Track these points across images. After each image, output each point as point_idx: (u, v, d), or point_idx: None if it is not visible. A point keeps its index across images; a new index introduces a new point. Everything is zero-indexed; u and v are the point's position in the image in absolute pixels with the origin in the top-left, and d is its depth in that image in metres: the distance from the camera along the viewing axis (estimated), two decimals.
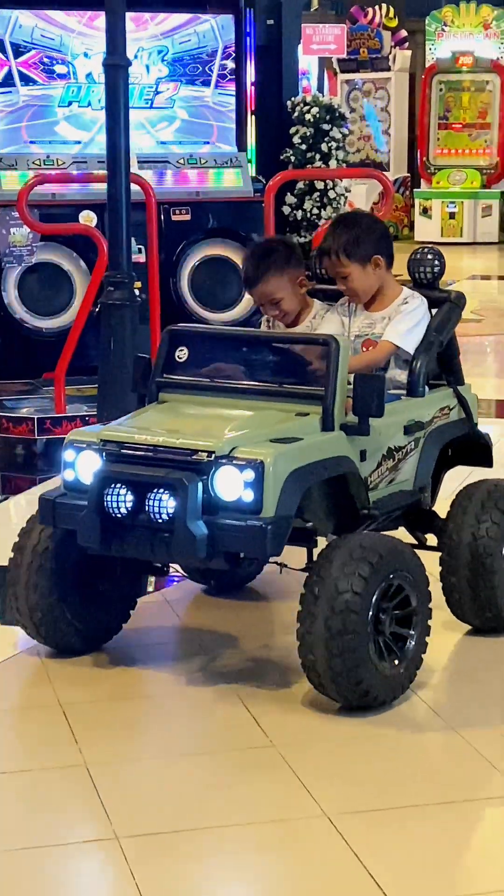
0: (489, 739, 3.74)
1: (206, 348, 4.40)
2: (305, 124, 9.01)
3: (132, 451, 3.96)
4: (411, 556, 3.99)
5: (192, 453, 3.86)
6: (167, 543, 3.82)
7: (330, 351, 4.06)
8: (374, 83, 20.36)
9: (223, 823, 3.31)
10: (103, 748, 3.71)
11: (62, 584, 4.19)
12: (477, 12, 19.48)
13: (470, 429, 4.60)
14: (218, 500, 3.81)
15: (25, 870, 3.10)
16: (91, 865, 3.16)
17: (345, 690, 3.84)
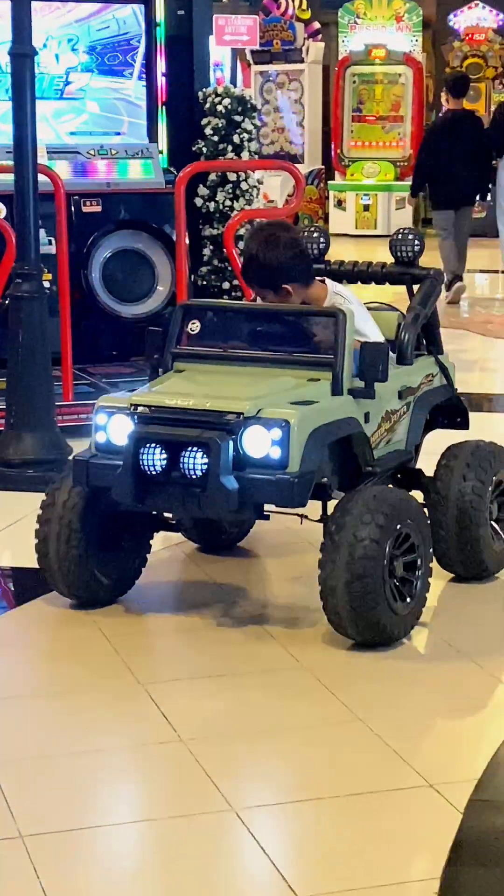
0: (398, 735, 3.75)
1: (218, 321, 4.80)
2: (217, 116, 8.96)
3: (164, 414, 4.30)
4: (416, 507, 4.44)
5: (222, 415, 4.22)
6: (199, 498, 4.18)
7: (338, 322, 4.46)
8: (288, 75, 20.35)
9: (127, 819, 3.29)
10: None
11: (90, 540, 4.54)
12: (389, 5, 19.53)
13: (451, 394, 5.05)
14: (246, 457, 4.19)
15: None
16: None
17: (363, 629, 4.24)
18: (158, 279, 8.64)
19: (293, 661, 4.23)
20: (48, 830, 3.22)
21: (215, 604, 4.76)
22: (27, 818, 3.27)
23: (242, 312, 4.89)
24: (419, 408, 4.85)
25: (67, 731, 3.79)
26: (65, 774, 3.53)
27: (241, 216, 8.11)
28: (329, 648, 4.37)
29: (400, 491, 4.51)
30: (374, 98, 19.69)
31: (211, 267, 8.99)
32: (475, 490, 4.79)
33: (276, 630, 4.49)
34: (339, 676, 4.13)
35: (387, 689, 4.05)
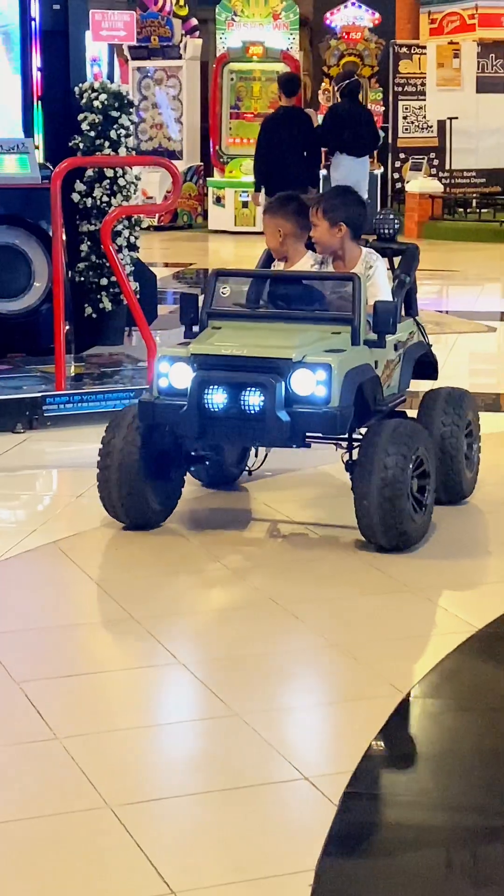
0: (274, 728, 3.77)
1: (249, 286, 5.64)
2: (94, 111, 8.90)
3: (222, 360, 5.09)
4: (427, 436, 5.33)
5: (273, 361, 5.03)
6: (255, 430, 5.04)
7: (356, 284, 5.28)
8: (166, 71, 20.33)
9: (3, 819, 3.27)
10: None
11: (146, 473, 5.29)
12: (266, 3, 19.59)
13: (426, 349, 5.93)
14: (294, 395, 5.01)
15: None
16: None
17: (392, 537, 5.10)
18: (35, 275, 8.58)
19: (170, 658, 4.23)
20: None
21: None
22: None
23: (269, 278, 5.67)
24: (407, 359, 5.70)
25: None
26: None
27: (118, 212, 8.08)
28: (207, 647, 4.38)
29: (414, 423, 5.35)
30: (251, 95, 19.74)
31: (88, 263, 8.93)
32: (453, 428, 5.68)
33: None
34: (216, 672, 4.13)
35: (261, 682, 4.07)
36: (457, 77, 19.99)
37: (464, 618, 4.58)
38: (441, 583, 4.93)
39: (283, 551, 5.35)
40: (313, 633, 4.45)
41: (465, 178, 20.52)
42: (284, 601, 4.70)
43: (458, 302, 13.23)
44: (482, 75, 20.22)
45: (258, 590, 4.85)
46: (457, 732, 3.86)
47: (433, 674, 4.12)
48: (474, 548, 5.43)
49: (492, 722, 3.88)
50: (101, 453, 5.36)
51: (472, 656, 4.30)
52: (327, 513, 5.77)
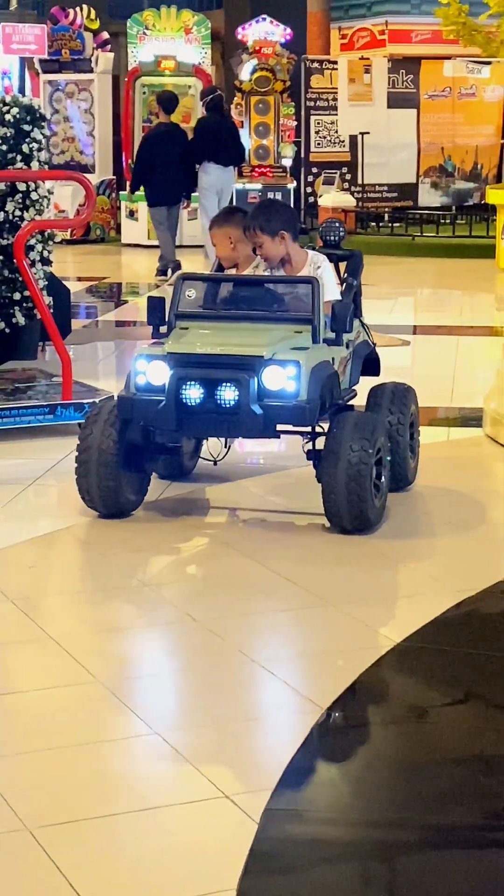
0: (193, 746, 3.75)
1: (212, 289, 5.97)
2: (5, 125, 8.85)
3: (197, 359, 5.45)
4: (384, 426, 5.77)
5: (245, 358, 5.41)
6: (231, 423, 5.42)
7: (314, 287, 5.69)
8: (78, 85, 20.26)
9: None
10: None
11: (122, 470, 5.63)
12: (178, 17, 19.62)
13: (371, 348, 6.33)
14: (266, 390, 5.40)
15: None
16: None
17: (355, 518, 5.49)
18: None
19: (87, 676, 4.20)
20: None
21: None
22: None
23: (232, 281, 6.00)
24: (356, 357, 6.13)
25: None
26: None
27: (30, 227, 8.03)
28: (124, 665, 4.35)
29: (375, 416, 5.82)
30: None
31: (1, 277, 8.86)
32: (399, 420, 6.10)
33: None
34: (133, 689, 4.10)
35: (180, 699, 4.05)
36: (368, 92, 20.14)
37: (383, 633, 4.59)
38: (362, 596, 4.95)
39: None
40: (232, 649, 4.43)
41: (378, 192, 20.68)
42: (202, 618, 4.68)
43: (372, 316, 13.24)
44: (393, 91, 20.40)
45: (175, 606, 4.83)
46: (375, 747, 3.86)
47: (352, 689, 4.11)
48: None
49: (409, 736, 3.89)
50: (80, 447, 5.69)
51: (390, 670, 4.31)
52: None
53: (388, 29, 21.67)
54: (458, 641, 4.60)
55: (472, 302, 14.53)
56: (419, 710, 4.10)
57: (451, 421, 8.15)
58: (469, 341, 11.25)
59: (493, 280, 15.75)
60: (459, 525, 5.88)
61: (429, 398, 8.56)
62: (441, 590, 5.00)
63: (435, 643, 4.52)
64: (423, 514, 6.10)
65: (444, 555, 5.52)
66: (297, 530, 5.76)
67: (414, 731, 3.94)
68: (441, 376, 9.46)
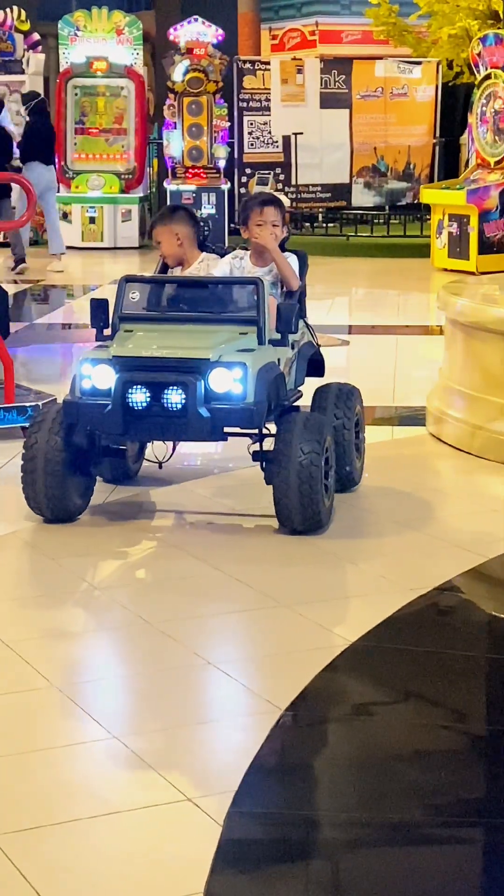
0: (154, 750, 3.73)
1: (155, 290, 5.90)
2: None
3: (143, 362, 5.43)
4: (330, 426, 5.79)
5: (191, 361, 5.39)
6: (178, 426, 5.39)
7: (259, 288, 5.65)
8: (9, 86, 20.13)
9: None
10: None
11: (68, 475, 5.61)
12: (109, 18, 19.56)
13: (315, 349, 6.32)
14: (212, 393, 5.38)
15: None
16: None
17: (307, 519, 5.51)
18: None
19: (41, 681, 4.16)
20: None
21: None
22: None
23: (176, 282, 5.96)
24: (301, 357, 6.11)
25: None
26: None
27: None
28: (79, 669, 4.33)
29: (321, 416, 5.85)
30: (96, 110, 19.68)
31: None
32: (345, 422, 6.12)
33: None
34: (89, 694, 4.08)
35: (138, 704, 4.03)
36: (300, 93, 20.17)
37: (337, 632, 4.59)
38: (315, 596, 4.95)
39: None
40: (188, 651, 4.41)
41: (311, 192, 20.72)
42: (155, 621, 4.66)
43: (310, 316, 13.31)
44: (325, 91, 20.45)
45: (126, 609, 4.80)
46: (335, 747, 3.87)
47: (309, 689, 4.11)
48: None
49: (367, 735, 3.90)
50: (25, 455, 5.64)
51: (346, 670, 4.31)
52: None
53: (318, 29, 21.73)
54: (412, 640, 4.61)
55: (409, 301, 14.61)
56: (375, 709, 4.11)
57: (394, 420, 8.18)
58: (407, 340, 11.31)
59: (428, 279, 15.83)
60: (406, 524, 5.89)
61: (371, 397, 8.60)
62: (392, 589, 5.02)
63: (389, 642, 4.53)
64: (370, 514, 6.09)
65: (392, 554, 5.53)
66: (246, 532, 5.75)
67: (371, 730, 3.94)
68: (382, 375, 9.50)
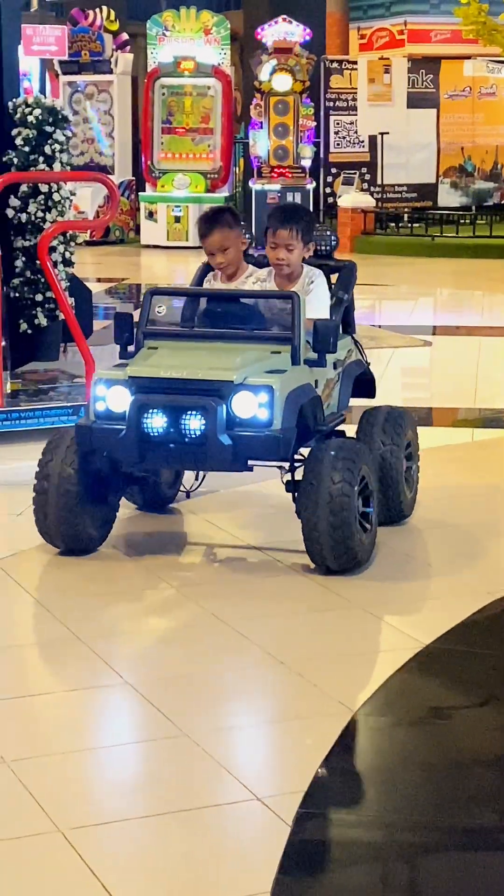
0: (225, 748, 3.74)
1: (183, 304, 5.46)
2: (28, 126, 8.86)
3: (161, 383, 4.96)
4: (368, 454, 5.24)
5: (214, 383, 4.91)
6: (196, 454, 4.93)
7: (295, 303, 5.15)
8: (97, 86, 20.30)
9: None
10: None
11: (84, 499, 5.16)
12: (197, 18, 19.63)
13: (365, 367, 5.83)
14: (236, 418, 4.91)
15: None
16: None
17: (340, 558, 5.00)
18: None
19: (116, 678, 4.19)
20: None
21: None
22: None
23: (207, 296, 5.48)
24: (346, 378, 5.63)
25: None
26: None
27: (54, 228, 8.04)
28: (154, 667, 4.35)
29: (356, 443, 5.31)
30: (183, 110, 19.75)
31: (24, 279, 8.87)
32: (393, 449, 5.62)
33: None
34: (164, 692, 4.10)
35: (210, 702, 4.04)
36: (387, 92, 20.12)
37: (411, 634, 4.57)
38: (387, 600, 4.92)
39: (223, 573, 5.24)
40: (261, 651, 4.42)
41: (397, 192, 20.67)
42: (230, 620, 4.67)
43: (392, 316, 13.29)
44: (412, 91, 20.38)
45: (203, 609, 4.82)
46: (406, 749, 3.85)
47: (381, 691, 4.10)
48: (418, 567, 5.33)
49: (439, 738, 3.88)
50: (38, 477, 5.23)
51: (419, 673, 4.29)
52: (266, 533, 5.65)
53: (406, 29, 21.62)
54: (487, 643, 4.58)
55: (494, 302, 14.50)
56: (449, 711, 4.09)
57: (476, 422, 8.12)
58: (491, 342, 11.22)
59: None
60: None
61: (452, 399, 8.57)
62: (466, 591, 4.97)
63: (463, 645, 4.51)
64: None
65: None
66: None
67: (444, 733, 3.92)
68: (464, 376, 9.44)
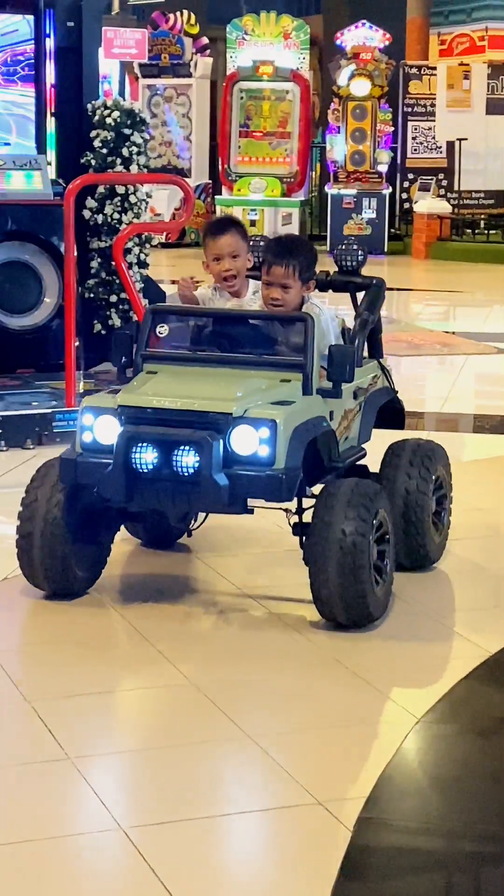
0: (287, 752, 3.75)
1: (186, 325, 4.95)
2: (106, 128, 8.91)
3: (153, 414, 4.49)
4: (385, 497, 4.71)
5: (210, 415, 4.43)
6: (189, 493, 4.42)
7: (307, 326, 4.67)
8: (176, 89, 20.37)
9: (16, 839, 3.25)
10: None
11: (71, 542, 4.70)
12: (277, 22, 19.64)
13: (392, 395, 5.32)
14: (234, 455, 4.41)
15: None
16: None
17: (353, 612, 4.51)
18: (45, 291, 8.59)
19: (182, 678, 4.21)
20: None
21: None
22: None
23: (212, 316, 4.98)
24: (369, 407, 5.13)
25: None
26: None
27: (130, 229, 8.08)
28: (222, 668, 4.36)
29: (372, 483, 4.74)
30: (261, 114, 19.77)
31: (98, 279, 8.92)
32: (419, 485, 5.08)
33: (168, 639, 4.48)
34: (225, 691, 4.11)
35: (274, 705, 4.04)
36: (467, 98, 20.02)
37: (481, 644, 4.55)
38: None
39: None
40: (328, 656, 4.42)
41: (474, 199, 20.55)
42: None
43: (466, 323, 13.23)
44: (492, 97, 20.26)
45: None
46: (470, 758, 3.83)
47: (446, 699, 4.09)
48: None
49: (503, 747, 3.87)
50: (22, 516, 4.77)
51: (486, 681, 4.27)
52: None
53: (487, 35, 21.48)
54: None
55: None
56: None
57: None
58: None
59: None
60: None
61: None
62: None
63: None
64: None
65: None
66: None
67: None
68: None
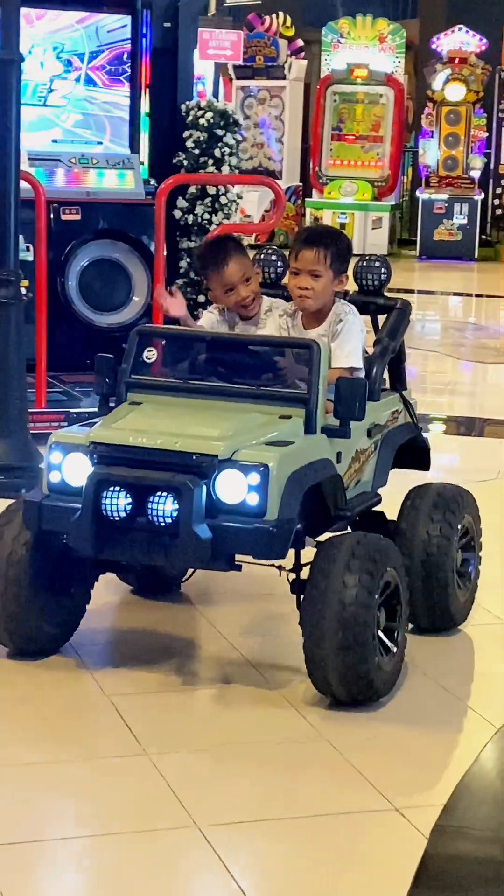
0: (364, 756, 3.74)
1: (177, 349, 4.38)
2: (199, 129, 8.95)
3: (128, 454, 3.91)
4: (397, 553, 4.10)
5: (193, 457, 3.84)
6: (167, 546, 3.83)
7: (312, 355, 4.06)
8: (269, 91, 20.40)
9: (89, 833, 3.27)
10: None
11: (39, 592, 4.14)
12: (373, 25, 19.60)
13: (416, 433, 4.72)
14: (220, 503, 3.83)
15: None
16: None
17: (351, 685, 3.91)
18: (134, 289, 8.64)
19: (259, 677, 4.21)
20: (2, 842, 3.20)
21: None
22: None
23: (205, 341, 4.36)
24: (386, 447, 4.51)
25: None
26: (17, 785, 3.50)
27: (220, 230, 8.10)
28: (297, 671, 4.35)
29: (380, 538, 4.09)
30: (354, 117, 19.74)
31: (187, 279, 8.96)
32: (443, 535, 4.48)
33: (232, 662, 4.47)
34: (306, 696, 4.10)
35: (353, 710, 4.03)
36: None
37: None
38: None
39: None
40: (410, 663, 4.39)
41: None
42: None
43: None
44: None
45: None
46: None
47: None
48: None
49: None
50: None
51: None
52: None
53: None
54: None
55: None
56: None
57: None
58: None
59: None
60: None
61: None
62: None
63: None
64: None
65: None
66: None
67: None
68: None
